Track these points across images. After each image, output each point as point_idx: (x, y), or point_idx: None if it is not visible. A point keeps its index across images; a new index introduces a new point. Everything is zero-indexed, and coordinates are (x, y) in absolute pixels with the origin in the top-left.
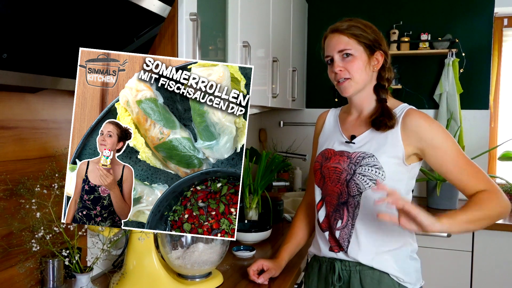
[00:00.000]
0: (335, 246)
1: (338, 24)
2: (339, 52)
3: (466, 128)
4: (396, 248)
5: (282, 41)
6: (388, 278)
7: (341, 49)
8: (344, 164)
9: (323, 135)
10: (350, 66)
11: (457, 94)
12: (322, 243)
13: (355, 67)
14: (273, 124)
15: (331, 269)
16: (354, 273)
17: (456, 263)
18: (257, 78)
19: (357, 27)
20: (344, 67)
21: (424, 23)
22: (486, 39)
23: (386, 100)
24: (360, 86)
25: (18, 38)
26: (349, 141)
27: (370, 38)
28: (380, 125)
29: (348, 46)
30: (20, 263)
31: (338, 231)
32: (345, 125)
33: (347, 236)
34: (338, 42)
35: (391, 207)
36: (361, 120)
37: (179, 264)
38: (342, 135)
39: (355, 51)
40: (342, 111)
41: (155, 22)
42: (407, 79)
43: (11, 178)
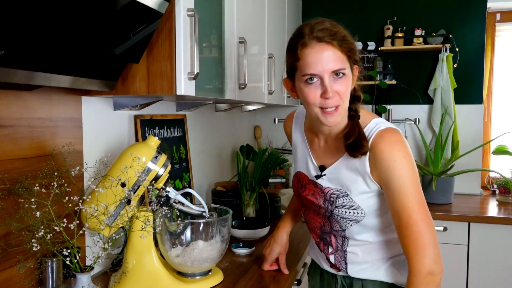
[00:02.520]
0: (334, 267)
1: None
2: (332, 72)
3: (460, 122)
4: (395, 257)
5: (277, 37)
6: (389, 285)
7: (336, 69)
8: (320, 199)
9: (294, 150)
10: (341, 88)
11: (451, 89)
12: (322, 261)
13: (346, 89)
14: (268, 121)
15: (333, 278)
16: (356, 281)
17: (452, 257)
18: (253, 74)
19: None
20: (337, 92)
21: (418, 18)
22: (480, 34)
23: (359, 117)
24: (345, 112)
25: (15, 35)
26: (320, 174)
27: (356, 52)
28: (357, 151)
29: (342, 65)
30: (19, 263)
31: (331, 255)
32: (313, 146)
33: (342, 258)
34: (332, 59)
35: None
36: (329, 145)
37: (179, 262)
38: (313, 162)
39: (347, 69)
40: (306, 128)
41: (153, 18)
42: (401, 75)
43: (9, 178)
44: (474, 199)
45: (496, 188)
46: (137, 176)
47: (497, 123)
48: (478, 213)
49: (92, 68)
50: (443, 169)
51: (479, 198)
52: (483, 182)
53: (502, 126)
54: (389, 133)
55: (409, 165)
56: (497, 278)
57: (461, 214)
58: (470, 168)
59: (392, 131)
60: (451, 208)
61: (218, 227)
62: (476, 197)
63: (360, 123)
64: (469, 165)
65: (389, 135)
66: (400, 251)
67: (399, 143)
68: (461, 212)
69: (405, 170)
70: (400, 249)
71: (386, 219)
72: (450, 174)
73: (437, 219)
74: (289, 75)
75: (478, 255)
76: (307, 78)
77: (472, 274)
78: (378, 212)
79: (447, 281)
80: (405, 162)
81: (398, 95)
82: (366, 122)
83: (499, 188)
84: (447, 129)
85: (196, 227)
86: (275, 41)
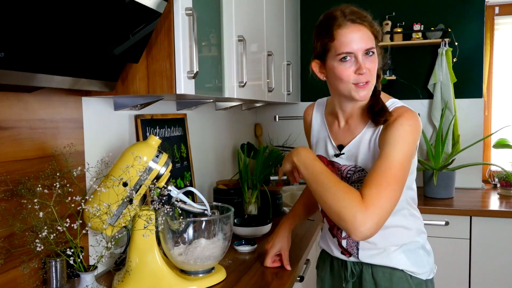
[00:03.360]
0: (345, 252)
1: (358, 14)
2: (365, 50)
3: (461, 117)
4: (406, 244)
5: (276, 35)
6: (400, 272)
7: (369, 47)
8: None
9: (313, 136)
10: (372, 66)
11: (451, 84)
12: (333, 247)
13: (375, 67)
14: (268, 118)
15: (343, 266)
16: (366, 268)
17: (454, 251)
18: (253, 73)
19: (373, 22)
20: (369, 68)
21: (416, 13)
22: (478, 28)
23: (380, 92)
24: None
25: (15, 37)
26: (339, 153)
27: (381, 34)
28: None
29: (373, 45)
30: (24, 263)
31: (344, 240)
32: (333, 129)
33: (354, 244)
34: (365, 38)
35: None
36: (349, 125)
37: (181, 260)
38: (332, 143)
39: (376, 50)
40: (328, 110)
41: (151, 18)
42: (401, 70)
43: (11, 179)
44: (475, 193)
45: (497, 181)
46: (139, 176)
47: (497, 116)
48: (479, 207)
49: (92, 68)
50: (444, 164)
51: (481, 192)
52: (484, 176)
53: (502, 119)
54: (404, 108)
55: (412, 134)
56: (500, 271)
57: (463, 208)
58: (471, 162)
59: (407, 108)
60: (452, 203)
61: (220, 225)
62: (477, 191)
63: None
64: (470, 159)
65: (404, 110)
66: (411, 239)
67: (412, 116)
68: (462, 206)
69: (406, 135)
70: (410, 238)
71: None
72: (451, 168)
73: (438, 213)
74: (318, 57)
75: (480, 249)
76: (342, 56)
77: (475, 268)
78: None
79: (450, 275)
80: (409, 130)
81: (398, 90)
82: (385, 100)
83: (500, 181)
84: (448, 124)
85: (198, 225)
86: (274, 38)
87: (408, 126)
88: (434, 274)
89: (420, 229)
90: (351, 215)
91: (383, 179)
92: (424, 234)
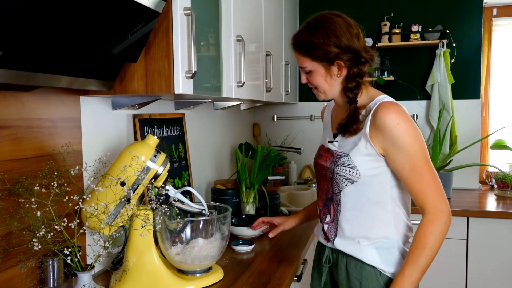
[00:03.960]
0: (325, 237)
1: (293, 37)
2: (301, 68)
3: (458, 118)
4: (379, 241)
5: (275, 35)
6: (370, 267)
7: (300, 66)
8: (328, 162)
9: (322, 130)
10: (311, 79)
11: (449, 85)
12: (318, 232)
13: (315, 80)
14: (266, 118)
15: (323, 252)
16: (341, 257)
17: (451, 251)
18: (251, 73)
19: (310, 43)
20: (308, 80)
21: (415, 14)
22: (476, 29)
23: (356, 102)
24: (329, 95)
25: (13, 36)
26: (332, 140)
27: (324, 53)
28: (344, 132)
29: (304, 65)
30: (21, 263)
31: (326, 225)
32: (337, 120)
33: (334, 230)
34: (297, 59)
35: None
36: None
37: (179, 260)
38: (330, 132)
39: (312, 67)
40: (337, 104)
41: (150, 17)
42: (399, 71)
43: (9, 178)
44: (472, 194)
45: (494, 182)
46: (137, 175)
47: (495, 117)
48: (476, 207)
49: (90, 68)
50: (441, 164)
51: (478, 193)
52: (481, 176)
53: (500, 120)
54: (389, 103)
55: (412, 127)
56: (496, 272)
57: (460, 209)
58: (468, 163)
59: (393, 102)
60: (450, 203)
61: (218, 225)
62: (474, 192)
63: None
64: (468, 160)
65: (389, 104)
66: (386, 236)
67: (399, 110)
68: (459, 207)
69: (408, 131)
70: (386, 234)
71: (379, 192)
72: (448, 169)
73: None
74: None
75: (477, 249)
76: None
77: (471, 268)
78: (373, 179)
79: (447, 276)
80: (407, 125)
81: (396, 91)
82: (373, 98)
83: (498, 182)
84: (445, 125)
85: (196, 225)
86: (273, 38)
87: (404, 122)
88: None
89: (400, 230)
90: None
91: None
92: (404, 236)
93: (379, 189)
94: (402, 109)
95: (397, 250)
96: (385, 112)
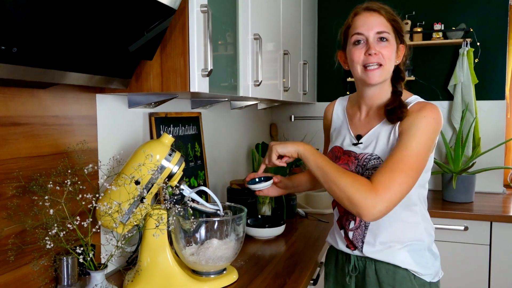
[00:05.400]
0: (350, 245)
1: (375, 4)
2: (377, 34)
3: (482, 119)
4: (411, 243)
5: (293, 34)
6: (403, 270)
7: (380, 30)
8: (352, 165)
9: (334, 130)
10: (384, 51)
11: (472, 85)
12: (339, 239)
13: (389, 54)
14: (284, 118)
15: (347, 260)
16: (369, 264)
17: (473, 257)
18: (268, 72)
19: (392, 12)
20: (379, 51)
21: (437, 12)
22: (502, 27)
23: (401, 93)
24: (387, 76)
25: (28, 32)
26: (356, 142)
27: (401, 27)
28: (394, 115)
29: (387, 29)
30: (34, 260)
31: (351, 232)
32: (353, 121)
33: (360, 237)
34: (377, 23)
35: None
36: (369, 117)
37: (193, 261)
38: (351, 133)
39: (391, 37)
40: (350, 104)
41: (166, 15)
42: (420, 70)
43: (24, 175)
44: (496, 198)
45: None
46: (151, 174)
47: None
48: (500, 212)
49: (106, 65)
50: (464, 167)
51: (502, 197)
52: (505, 180)
53: None
54: (428, 103)
55: (433, 127)
56: None
57: (483, 213)
58: (492, 166)
59: (431, 103)
60: (472, 207)
61: (233, 226)
62: (498, 196)
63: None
64: (491, 162)
65: (428, 103)
66: (418, 238)
67: (435, 109)
68: (482, 211)
69: (428, 127)
70: (417, 236)
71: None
72: (471, 172)
73: (458, 218)
74: (342, 48)
75: (500, 255)
76: (354, 39)
77: (495, 275)
78: None
79: (469, 283)
80: (432, 122)
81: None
82: (407, 97)
83: None
84: (468, 126)
85: (211, 226)
86: (291, 37)
87: (431, 118)
88: (439, 278)
89: (428, 230)
90: (362, 198)
91: (398, 166)
92: (432, 236)
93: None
94: (437, 110)
95: (427, 251)
96: (420, 107)
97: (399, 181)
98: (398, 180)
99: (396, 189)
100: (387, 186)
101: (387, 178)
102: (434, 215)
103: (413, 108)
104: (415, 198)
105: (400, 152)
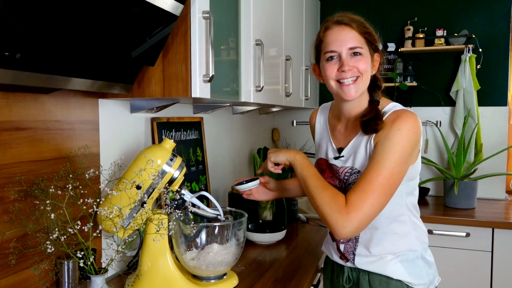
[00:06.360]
0: (343, 257)
1: (345, 17)
2: (349, 50)
3: (484, 125)
4: (403, 253)
5: (295, 40)
6: (396, 281)
7: (352, 46)
8: (336, 181)
9: (316, 140)
10: (360, 65)
11: (474, 91)
12: (333, 251)
13: (364, 66)
14: (286, 123)
15: (341, 271)
16: (363, 275)
17: (475, 264)
18: (270, 77)
19: (364, 24)
20: (354, 65)
21: (439, 19)
22: (504, 34)
23: (378, 103)
24: (364, 89)
25: (31, 38)
26: (338, 155)
27: (375, 39)
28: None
29: (359, 44)
30: (35, 264)
31: (342, 244)
32: (335, 132)
33: (352, 249)
34: (349, 38)
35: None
36: (348, 129)
37: (193, 265)
38: (333, 145)
39: (365, 51)
40: (331, 114)
41: (168, 21)
42: (422, 76)
43: (26, 179)
44: (498, 204)
45: None
46: (152, 179)
47: None
48: (502, 218)
49: (109, 71)
50: (466, 173)
51: (504, 203)
52: (508, 186)
53: None
54: (403, 111)
55: (409, 138)
56: None
57: (485, 219)
58: (494, 172)
59: (407, 111)
60: (474, 213)
61: (233, 231)
62: (500, 202)
63: (379, 108)
64: (493, 169)
65: (402, 111)
66: (410, 247)
67: (410, 117)
68: (484, 217)
69: (402, 141)
70: (409, 246)
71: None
72: (473, 178)
73: (459, 224)
74: (316, 61)
75: (502, 262)
76: (327, 56)
77: (496, 282)
78: None
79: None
80: (406, 134)
81: (419, 97)
82: (385, 105)
83: None
84: (470, 132)
85: (211, 230)
86: (293, 43)
87: (406, 130)
88: (435, 285)
89: (420, 238)
90: (333, 218)
91: (369, 186)
92: (425, 244)
93: (395, 202)
94: (414, 117)
95: (420, 259)
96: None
97: (370, 202)
98: (369, 201)
99: (366, 211)
100: (358, 207)
101: (358, 199)
102: (436, 221)
103: (388, 118)
104: (402, 208)
105: (372, 171)
